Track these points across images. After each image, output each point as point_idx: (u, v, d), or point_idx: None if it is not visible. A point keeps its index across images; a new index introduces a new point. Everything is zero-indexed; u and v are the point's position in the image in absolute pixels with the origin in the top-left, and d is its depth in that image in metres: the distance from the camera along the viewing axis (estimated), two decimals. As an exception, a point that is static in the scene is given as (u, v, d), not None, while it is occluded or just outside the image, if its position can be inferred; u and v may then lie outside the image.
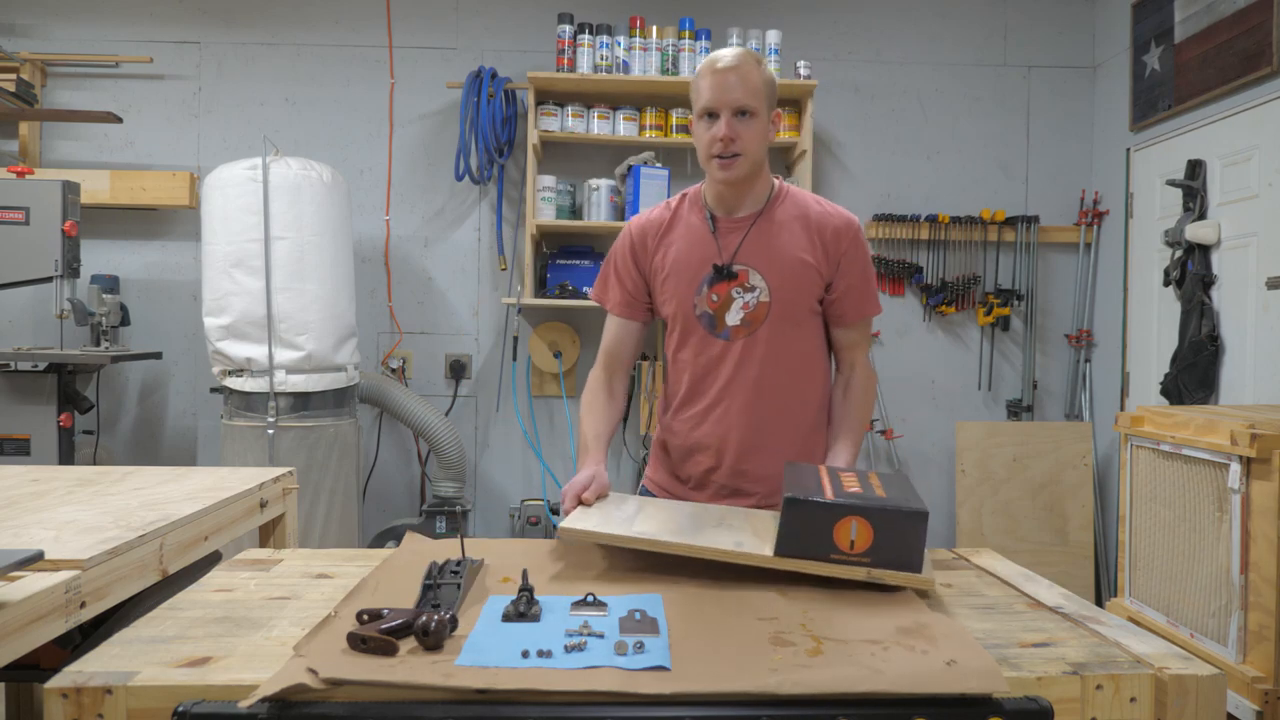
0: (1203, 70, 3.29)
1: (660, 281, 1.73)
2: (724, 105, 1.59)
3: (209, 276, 3.26)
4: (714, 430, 1.72)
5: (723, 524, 1.40)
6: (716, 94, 1.59)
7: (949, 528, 4.05)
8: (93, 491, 1.77)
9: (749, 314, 1.67)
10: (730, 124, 1.59)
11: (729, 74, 1.59)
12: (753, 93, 1.60)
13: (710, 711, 0.92)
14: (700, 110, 1.62)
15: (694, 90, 1.64)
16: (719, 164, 1.62)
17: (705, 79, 1.61)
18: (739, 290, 1.67)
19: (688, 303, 1.70)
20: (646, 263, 1.75)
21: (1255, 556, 2.05)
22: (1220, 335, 3.20)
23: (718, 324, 1.69)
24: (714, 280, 1.67)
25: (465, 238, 3.99)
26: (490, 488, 4.03)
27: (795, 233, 1.68)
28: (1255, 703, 2.00)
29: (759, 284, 1.67)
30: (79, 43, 3.88)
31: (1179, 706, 1.00)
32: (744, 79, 1.59)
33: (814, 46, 3.99)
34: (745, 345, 1.68)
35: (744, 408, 1.70)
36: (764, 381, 1.69)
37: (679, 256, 1.71)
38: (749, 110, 1.59)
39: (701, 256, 1.69)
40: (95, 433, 3.64)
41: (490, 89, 3.72)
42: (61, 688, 0.93)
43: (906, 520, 1.23)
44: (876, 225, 4.03)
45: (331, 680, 0.93)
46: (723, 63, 1.60)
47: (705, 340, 1.70)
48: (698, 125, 1.64)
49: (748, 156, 1.61)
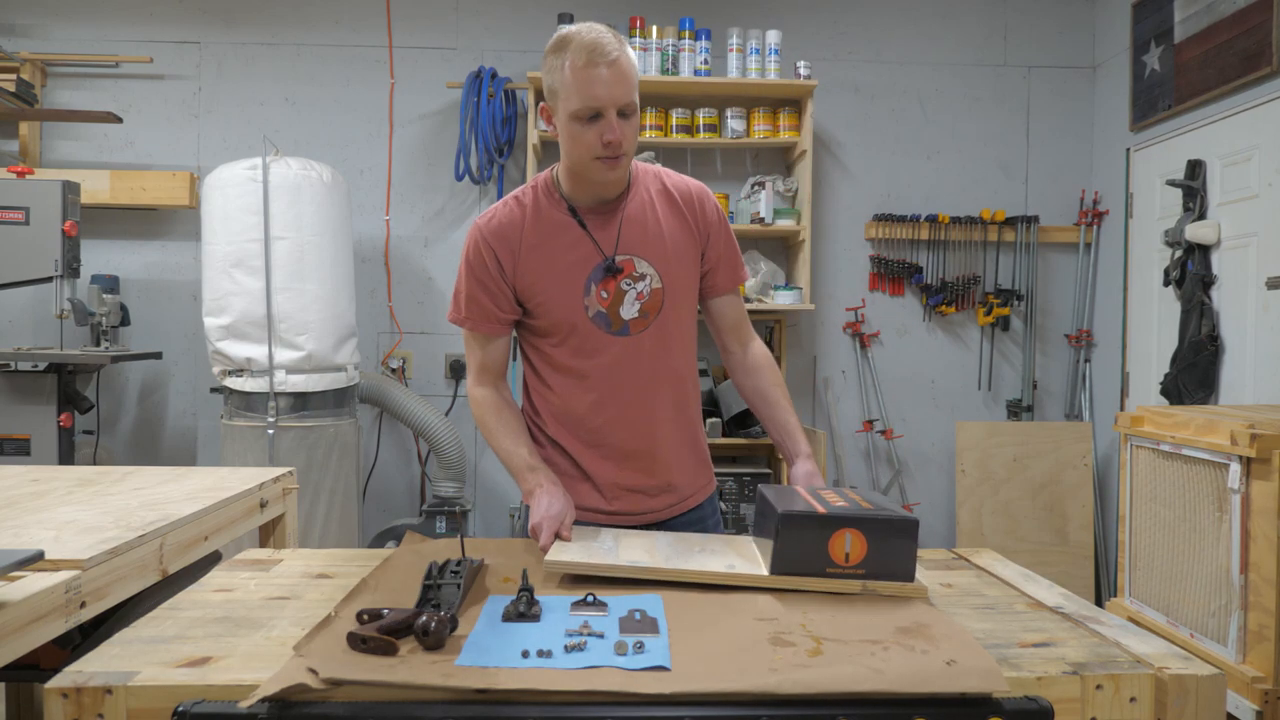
0: (1203, 70, 3.29)
1: (537, 289, 1.55)
2: (611, 104, 1.43)
3: (209, 276, 3.26)
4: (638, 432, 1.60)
5: (706, 549, 1.38)
6: (604, 93, 1.42)
7: (949, 528, 4.05)
8: (93, 491, 1.77)
9: (645, 304, 1.56)
10: (619, 125, 1.44)
11: (613, 69, 1.42)
12: (634, 86, 1.47)
13: (710, 711, 0.92)
14: (580, 110, 1.43)
15: (564, 84, 1.44)
16: (605, 165, 1.47)
17: (585, 74, 1.42)
18: (628, 282, 1.55)
19: (577, 307, 1.55)
20: (512, 268, 1.55)
21: (1255, 556, 2.05)
22: (1220, 335, 3.20)
23: (613, 322, 1.56)
24: (601, 277, 1.55)
25: (465, 238, 3.98)
26: (490, 488, 4.03)
27: (662, 210, 1.59)
28: (1255, 703, 2.00)
29: (647, 271, 1.56)
30: (79, 43, 3.88)
31: (1179, 706, 1.00)
32: (626, 73, 1.44)
33: (814, 46, 3.99)
34: (648, 337, 1.57)
35: (665, 401, 1.60)
36: (673, 369, 1.61)
37: (552, 258, 1.54)
38: (633, 105, 1.47)
39: (578, 255, 1.54)
40: (95, 433, 3.64)
41: (490, 89, 3.72)
42: (61, 688, 0.93)
43: (899, 529, 1.24)
44: (876, 225, 4.03)
45: (331, 680, 0.93)
46: (603, 58, 1.41)
47: (601, 341, 1.56)
48: (571, 124, 1.45)
49: (629, 153, 1.50)
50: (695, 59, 3.72)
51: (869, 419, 4.06)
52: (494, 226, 1.57)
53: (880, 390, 4.05)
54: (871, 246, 4.06)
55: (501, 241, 1.56)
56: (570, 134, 1.47)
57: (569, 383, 1.60)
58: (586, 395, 1.59)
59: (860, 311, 4.04)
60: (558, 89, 1.46)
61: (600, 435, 1.60)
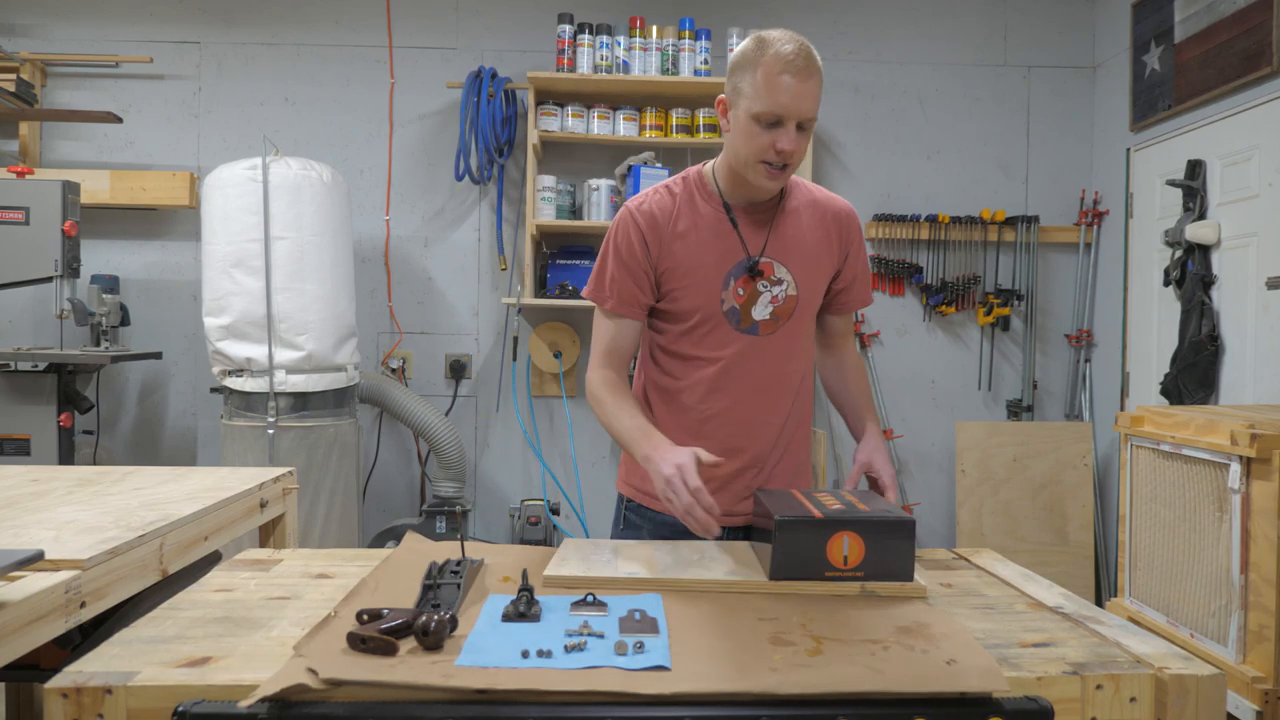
0: (1203, 70, 3.29)
1: (677, 275, 1.58)
2: (795, 116, 1.46)
3: (209, 276, 3.26)
4: (744, 430, 1.64)
5: (704, 558, 1.38)
6: (791, 104, 1.44)
7: (949, 528, 4.05)
8: (93, 491, 1.77)
9: (778, 308, 1.60)
10: (795, 137, 1.47)
11: (808, 83, 1.45)
12: (818, 103, 1.49)
13: (710, 711, 0.92)
14: (763, 113, 1.45)
15: (754, 85, 1.46)
16: (769, 172, 1.50)
17: (778, 80, 1.44)
18: (765, 284, 1.59)
19: (714, 298, 1.58)
20: (658, 253, 1.58)
21: (1255, 556, 2.05)
22: (1220, 335, 3.20)
23: (743, 319, 1.60)
24: (740, 274, 1.58)
25: (465, 238, 3.99)
26: (490, 488, 4.03)
27: (810, 222, 1.63)
28: (1255, 703, 2.00)
29: (785, 277, 1.60)
30: (79, 43, 3.88)
31: (1179, 706, 1.00)
32: (815, 90, 1.47)
33: (814, 46, 3.97)
34: (774, 341, 1.61)
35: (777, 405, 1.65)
36: (790, 376, 1.65)
37: (699, 249, 1.58)
38: (813, 121, 1.50)
39: (723, 249, 1.58)
40: (95, 433, 3.64)
41: (490, 89, 3.72)
42: (61, 688, 0.93)
43: (897, 530, 1.24)
44: (876, 225, 4.03)
45: (331, 680, 0.93)
46: (800, 69, 1.44)
47: (728, 335, 1.60)
48: (749, 124, 1.47)
49: (794, 166, 1.52)
50: (695, 59, 3.72)
51: (869, 419, 4.06)
52: (645, 210, 1.60)
53: (880, 390, 4.05)
54: (871, 246, 4.06)
55: (651, 225, 1.58)
56: (747, 133, 1.49)
57: (688, 369, 1.63)
58: (702, 385, 1.62)
59: (860, 311, 4.04)
60: (744, 87, 1.48)
61: (707, 426, 1.63)
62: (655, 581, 1.27)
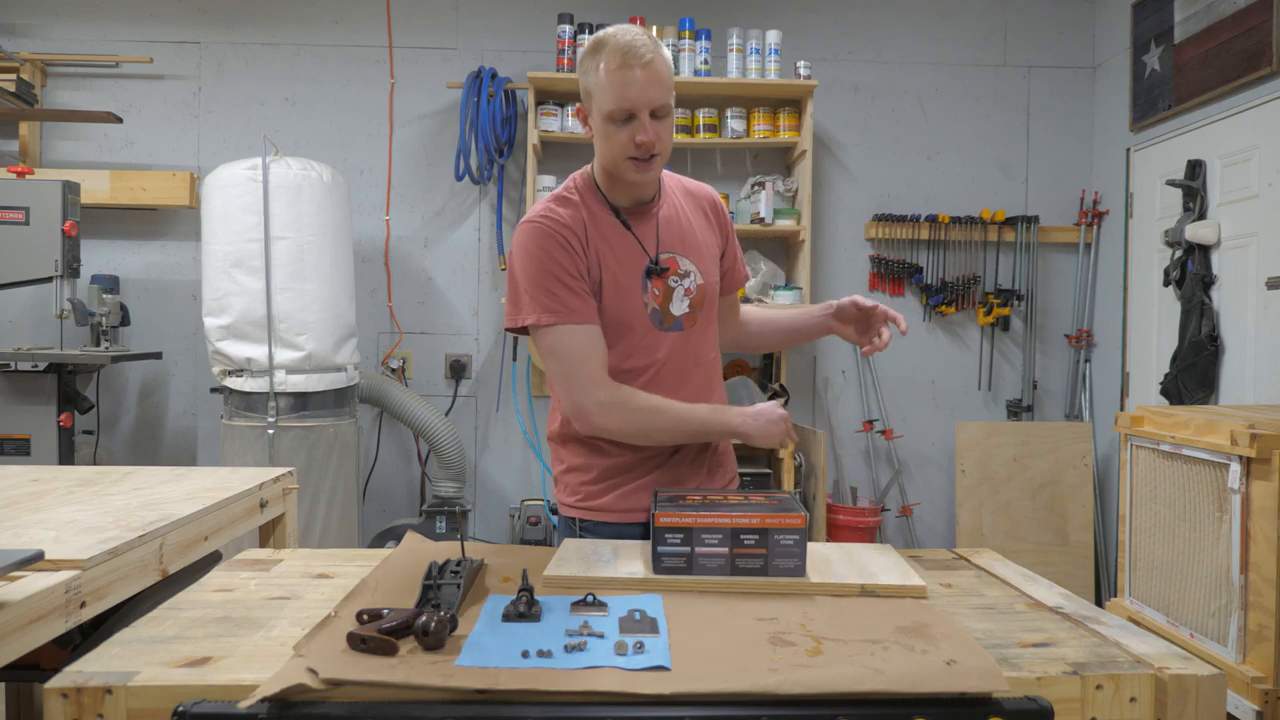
0: (1203, 70, 3.29)
1: (605, 287, 1.54)
2: (644, 106, 1.45)
3: (209, 276, 3.26)
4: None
5: None
6: (639, 95, 1.44)
7: (949, 528, 4.05)
8: (93, 491, 1.77)
9: (693, 299, 1.61)
10: (652, 126, 1.46)
11: (647, 71, 1.44)
12: (668, 88, 1.48)
13: (710, 711, 0.92)
14: (614, 111, 1.45)
15: (599, 85, 1.46)
16: (636, 166, 1.49)
17: (618, 75, 1.44)
18: (675, 279, 1.60)
19: (637, 303, 1.56)
20: (586, 264, 1.53)
21: (1255, 556, 2.05)
22: (1220, 335, 3.20)
23: (665, 318, 1.59)
24: (651, 275, 1.58)
25: (465, 238, 3.99)
26: (490, 488, 4.03)
27: (690, 210, 1.67)
28: (1255, 703, 2.00)
29: (689, 268, 1.61)
30: (79, 43, 3.88)
31: (1179, 706, 1.00)
32: (660, 75, 1.45)
33: (814, 46, 3.99)
34: (696, 332, 1.63)
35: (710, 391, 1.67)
36: (713, 362, 1.70)
37: (610, 257, 1.55)
38: (666, 107, 1.48)
39: (628, 253, 1.57)
40: (95, 433, 3.64)
41: (490, 89, 3.72)
42: (61, 688, 0.93)
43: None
44: (876, 225, 4.03)
45: (331, 680, 0.93)
46: (638, 59, 1.43)
47: (656, 338, 1.58)
48: (605, 125, 1.48)
49: (663, 155, 1.51)
50: (695, 59, 3.72)
51: (869, 419, 4.06)
52: (557, 218, 1.53)
53: (880, 390, 4.05)
54: (871, 246, 4.06)
55: (570, 232, 1.52)
56: (604, 134, 1.49)
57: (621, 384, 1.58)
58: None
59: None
60: (593, 90, 1.49)
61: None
62: (655, 581, 1.27)
